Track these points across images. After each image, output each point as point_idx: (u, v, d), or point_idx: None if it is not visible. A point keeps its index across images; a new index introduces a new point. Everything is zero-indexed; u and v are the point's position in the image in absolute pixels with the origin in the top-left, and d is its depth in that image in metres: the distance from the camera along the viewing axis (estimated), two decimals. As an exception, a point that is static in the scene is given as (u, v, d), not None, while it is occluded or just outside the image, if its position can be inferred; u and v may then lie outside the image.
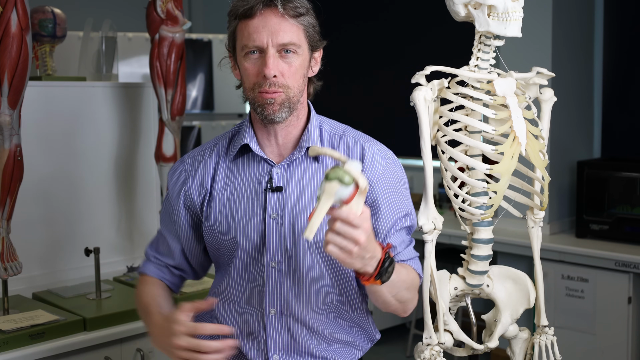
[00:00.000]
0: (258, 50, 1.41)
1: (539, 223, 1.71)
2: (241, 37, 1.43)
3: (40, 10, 2.54)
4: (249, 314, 1.50)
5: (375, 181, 1.49)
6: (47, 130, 2.55)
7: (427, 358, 1.59)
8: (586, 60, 3.89)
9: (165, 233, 1.63)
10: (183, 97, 2.60)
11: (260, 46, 1.40)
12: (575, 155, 3.78)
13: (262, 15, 1.40)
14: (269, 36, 1.40)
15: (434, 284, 1.60)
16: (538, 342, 1.70)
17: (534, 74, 1.63)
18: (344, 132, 1.55)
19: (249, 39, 1.41)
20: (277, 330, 1.49)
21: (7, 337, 1.93)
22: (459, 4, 1.55)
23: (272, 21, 1.40)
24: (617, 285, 3.25)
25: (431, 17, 4.67)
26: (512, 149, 1.53)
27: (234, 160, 1.53)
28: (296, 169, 1.49)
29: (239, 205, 1.49)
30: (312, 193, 1.47)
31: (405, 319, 4.58)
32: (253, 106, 1.46)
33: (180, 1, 2.58)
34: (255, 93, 1.43)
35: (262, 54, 1.41)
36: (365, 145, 1.52)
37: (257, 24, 1.40)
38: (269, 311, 1.48)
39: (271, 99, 1.42)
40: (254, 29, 1.40)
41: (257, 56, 1.42)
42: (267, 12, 1.40)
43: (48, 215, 2.56)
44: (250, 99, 1.45)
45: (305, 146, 1.49)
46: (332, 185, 1.15)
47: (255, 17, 1.40)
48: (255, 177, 1.50)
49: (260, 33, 1.40)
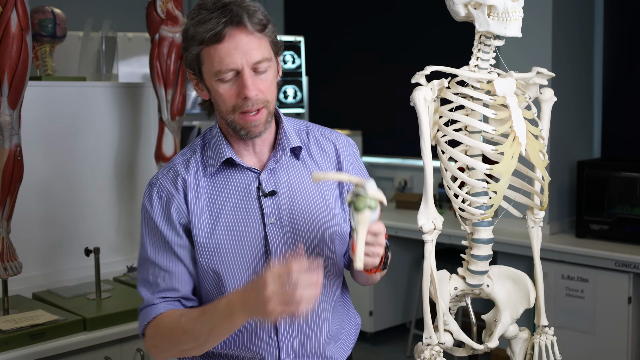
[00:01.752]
0: (234, 72, 1.37)
1: (539, 223, 1.71)
2: (210, 62, 1.38)
3: (40, 10, 2.54)
4: (258, 321, 1.45)
5: (350, 165, 1.58)
6: (47, 130, 2.55)
7: (427, 358, 1.59)
8: (586, 60, 3.89)
9: (163, 265, 1.46)
10: (183, 97, 2.60)
11: (235, 69, 1.37)
12: (575, 155, 3.78)
13: (231, 37, 1.36)
14: (242, 57, 1.36)
15: (434, 284, 1.60)
16: (538, 342, 1.70)
17: (534, 74, 1.63)
18: (307, 128, 1.59)
19: (221, 63, 1.36)
20: (288, 333, 1.48)
21: (7, 337, 1.93)
22: (459, 4, 1.55)
23: (242, 41, 1.36)
24: (617, 285, 3.25)
25: (431, 17, 4.67)
26: (512, 149, 1.53)
27: (212, 176, 1.49)
28: (281, 171, 1.50)
29: (234, 217, 1.46)
30: (301, 192, 1.50)
31: (405, 319, 4.59)
32: (233, 127, 1.43)
33: (180, 1, 2.58)
34: (235, 115, 1.41)
35: (237, 75, 1.38)
36: (332, 138, 1.58)
37: (227, 47, 1.36)
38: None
39: (255, 122, 1.41)
40: (225, 53, 1.36)
41: (231, 79, 1.38)
42: (235, 33, 1.36)
43: (48, 215, 2.56)
44: (230, 121, 1.42)
45: (287, 147, 1.49)
46: (364, 215, 1.26)
47: (225, 40, 1.35)
48: (242, 187, 1.48)
49: (233, 56, 1.36)
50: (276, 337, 1.47)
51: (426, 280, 1.61)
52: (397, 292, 4.53)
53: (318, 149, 1.56)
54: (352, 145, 1.62)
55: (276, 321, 1.44)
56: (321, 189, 1.52)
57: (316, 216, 1.49)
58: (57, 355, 2.01)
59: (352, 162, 1.59)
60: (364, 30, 5.19)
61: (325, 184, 1.53)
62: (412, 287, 4.58)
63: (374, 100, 5.14)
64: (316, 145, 1.56)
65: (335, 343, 1.56)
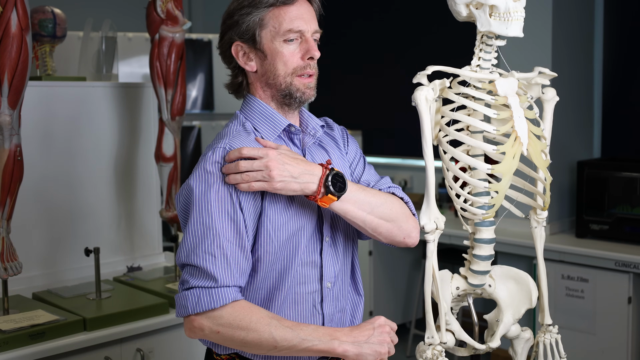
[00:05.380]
0: (299, 35, 1.46)
1: (542, 223, 1.71)
2: (279, 23, 1.45)
3: (40, 10, 2.54)
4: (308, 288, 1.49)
5: (350, 140, 1.64)
6: (47, 130, 2.55)
7: (429, 358, 1.59)
8: (586, 60, 3.89)
9: (232, 243, 1.39)
10: (183, 97, 2.60)
11: (303, 31, 1.46)
12: (575, 155, 3.78)
13: (300, 2, 1.47)
14: (309, 22, 1.47)
15: (436, 284, 1.60)
16: (542, 340, 1.70)
17: (536, 73, 1.63)
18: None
19: (292, 23, 1.45)
20: (331, 303, 1.53)
21: (7, 337, 1.93)
22: (460, 4, 1.55)
23: (308, 9, 1.48)
24: (617, 285, 3.25)
25: (433, 17, 4.67)
26: (514, 149, 1.53)
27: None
28: (314, 150, 1.55)
29: None
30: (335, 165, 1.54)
31: (405, 319, 4.58)
32: (288, 91, 1.47)
33: (180, 1, 2.58)
34: (292, 78, 1.47)
35: (300, 40, 1.46)
36: (328, 121, 1.65)
37: (299, 10, 1.46)
38: (326, 285, 1.51)
39: (310, 83, 1.48)
40: (296, 15, 1.45)
41: (295, 41, 1.46)
42: (303, 2, 1.48)
43: (48, 215, 2.56)
44: (286, 85, 1.47)
45: (318, 127, 1.56)
46: None
47: (296, 3, 1.46)
48: None
49: (303, 19, 1.46)
50: (321, 307, 1.50)
51: (428, 280, 1.61)
52: (397, 292, 4.53)
53: (326, 127, 1.62)
54: (340, 126, 1.67)
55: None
56: (341, 167, 1.56)
57: None
58: (57, 355, 2.00)
59: (351, 140, 1.65)
60: (365, 30, 5.19)
61: (340, 163, 1.57)
62: (412, 287, 4.58)
63: (374, 100, 5.14)
64: (325, 125, 1.62)
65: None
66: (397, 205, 1.52)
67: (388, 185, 1.58)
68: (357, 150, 1.64)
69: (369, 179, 1.59)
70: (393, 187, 1.58)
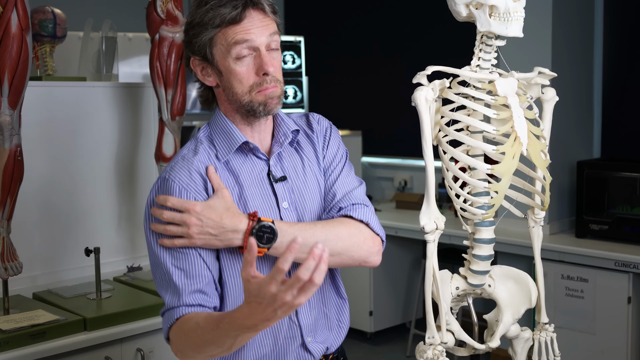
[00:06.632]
0: (252, 49, 1.42)
1: (540, 222, 1.71)
2: (227, 43, 1.42)
3: (40, 10, 2.54)
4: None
5: (331, 138, 1.61)
6: (47, 130, 2.55)
7: (430, 358, 1.59)
8: (586, 60, 3.89)
9: (180, 264, 1.40)
10: (183, 97, 2.60)
11: (254, 46, 1.42)
12: (575, 155, 3.79)
13: (249, 16, 1.42)
14: (261, 35, 1.42)
15: (436, 284, 1.60)
16: (538, 338, 1.71)
17: (536, 74, 1.63)
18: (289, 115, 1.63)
19: (241, 42, 1.41)
20: (306, 311, 1.51)
21: (8, 337, 1.93)
22: (460, 4, 1.55)
23: (260, 20, 1.43)
24: (617, 285, 3.26)
25: (432, 17, 4.67)
26: (514, 149, 1.53)
27: (226, 163, 1.49)
28: (285, 157, 1.54)
29: (252, 202, 1.46)
30: (302, 177, 1.53)
31: (405, 319, 4.59)
32: (249, 107, 1.45)
33: (180, 1, 2.58)
34: (252, 95, 1.44)
35: (253, 55, 1.43)
36: (311, 119, 1.62)
37: (246, 26, 1.41)
38: None
39: (272, 93, 1.44)
40: (244, 32, 1.41)
41: (249, 58, 1.43)
42: (253, 13, 1.43)
43: (48, 215, 2.56)
44: (246, 102, 1.44)
45: (288, 130, 1.53)
46: None
47: (244, 20, 1.41)
48: (255, 173, 1.50)
49: (251, 34, 1.41)
50: (297, 319, 1.49)
51: (429, 280, 1.61)
52: (397, 292, 4.53)
53: (307, 128, 1.60)
54: (325, 120, 1.64)
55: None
56: (314, 174, 1.55)
57: (315, 200, 1.54)
58: (58, 355, 2.00)
59: (333, 135, 1.61)
60: (365, 30, 5.19)
61: (314, 169, 1.56)
62: (412, 287, 4.58)
63: (374, 101, 5.14)
64: (306, 125, 1.60)
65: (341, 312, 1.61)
66: (346, 234, 1.46)
67: (353, 201, 1.52)
68: (338, 152, 1.60)
69: (337, 190, 1.54)
70: (358, 204, 1.52)
